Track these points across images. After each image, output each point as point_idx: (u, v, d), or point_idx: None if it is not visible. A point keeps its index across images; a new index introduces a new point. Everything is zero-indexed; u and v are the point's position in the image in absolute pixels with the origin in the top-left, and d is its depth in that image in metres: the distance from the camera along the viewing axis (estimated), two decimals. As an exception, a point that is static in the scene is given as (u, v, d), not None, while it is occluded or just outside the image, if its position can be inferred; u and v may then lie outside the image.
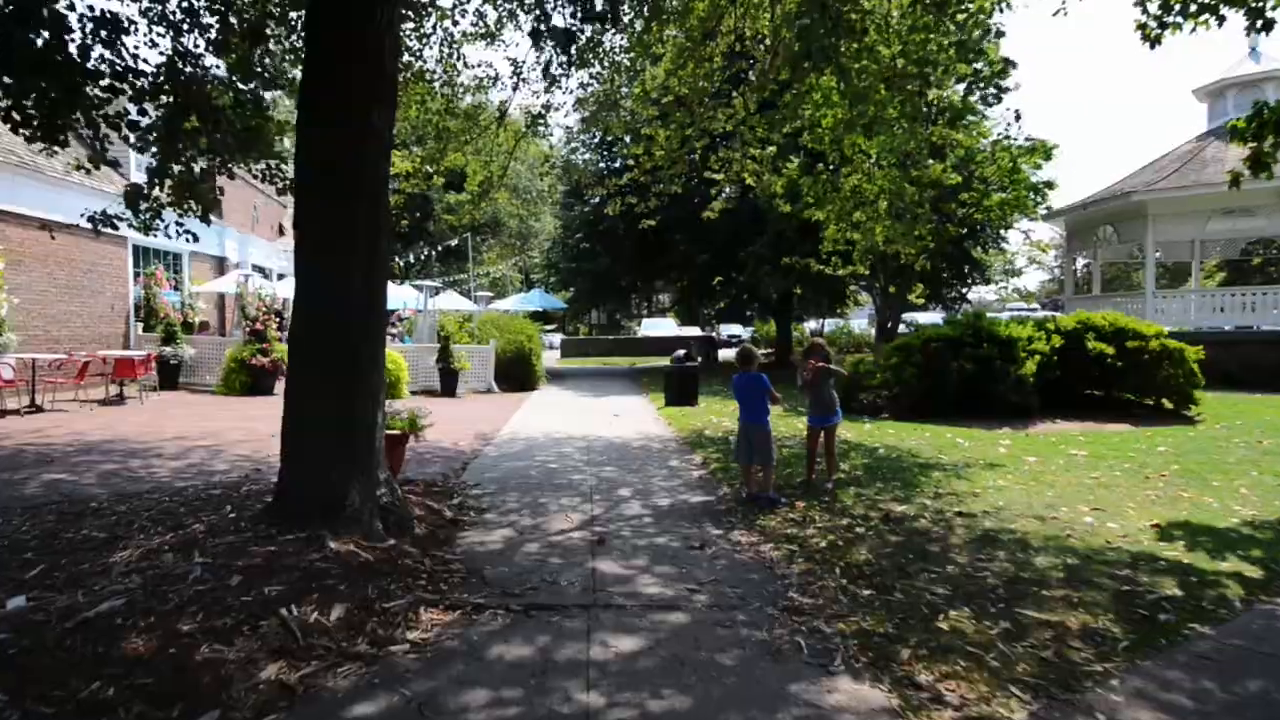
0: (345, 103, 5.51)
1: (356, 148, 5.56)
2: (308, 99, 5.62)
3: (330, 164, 5.53)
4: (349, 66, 5.52)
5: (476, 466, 8.92)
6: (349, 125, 5.52)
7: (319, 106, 5.57)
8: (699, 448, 10.15)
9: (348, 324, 5.59)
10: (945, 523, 6.48)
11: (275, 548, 4.91)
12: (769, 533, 6.26)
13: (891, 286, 18.63)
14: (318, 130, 5.56)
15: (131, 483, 7.57)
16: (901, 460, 9.24)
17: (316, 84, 5.58)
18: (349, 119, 5.52)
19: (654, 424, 12.87)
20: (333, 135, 5.53)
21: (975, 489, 7.70)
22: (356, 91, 5.52)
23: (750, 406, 7.27)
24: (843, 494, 7.46)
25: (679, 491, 7.79)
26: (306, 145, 5.62)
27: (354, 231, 5.55)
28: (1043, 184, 16.10)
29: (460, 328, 18.82)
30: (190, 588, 4.40)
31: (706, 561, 5.57)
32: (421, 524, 6.06)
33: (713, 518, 6.77)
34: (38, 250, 14.17)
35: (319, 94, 5.57)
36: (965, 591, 4.92)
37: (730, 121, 11.25)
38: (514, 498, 7.36)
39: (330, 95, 5.52)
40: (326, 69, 5.55)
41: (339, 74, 5.52)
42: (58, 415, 11.99)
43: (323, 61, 5.57)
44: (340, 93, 5.51)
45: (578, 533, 6.24)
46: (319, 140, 5.56)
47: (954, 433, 11.46)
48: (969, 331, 13.10)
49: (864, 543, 5.95)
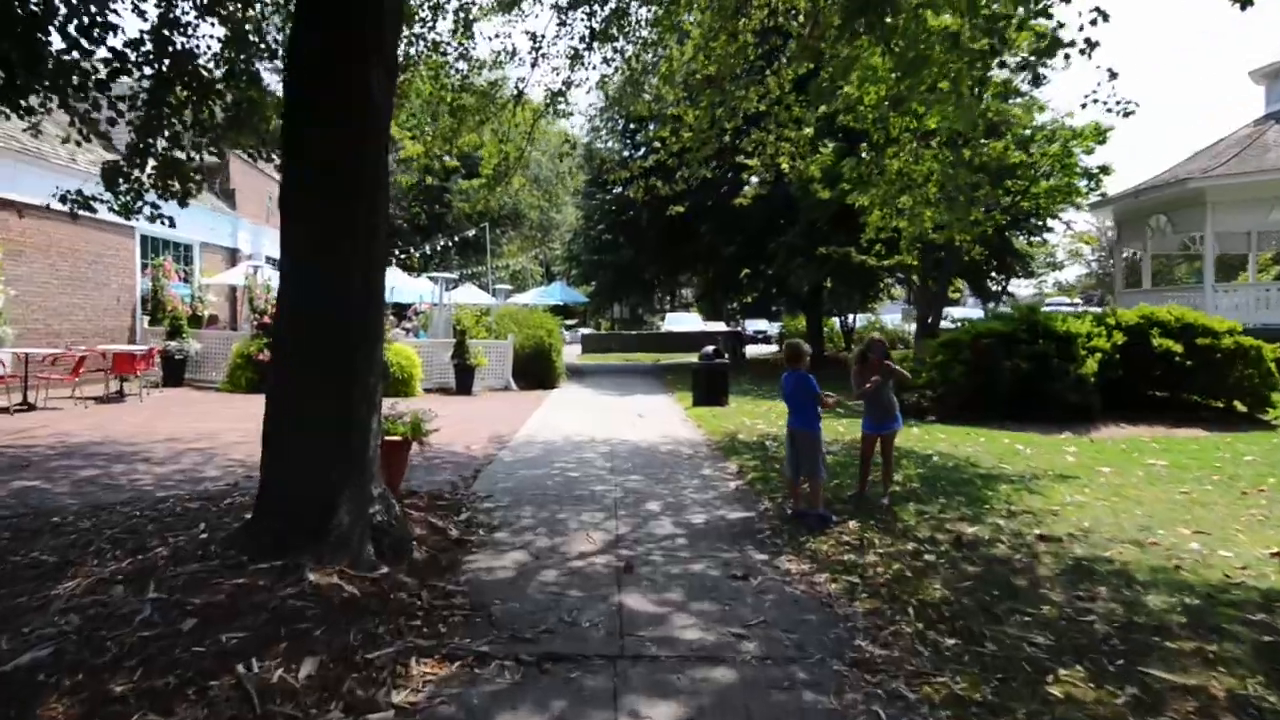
0: (345, 102, 4.75)
1: (356, 146, 4.82)
2: (306, 99, 4.86)
3: (330, 163, 4.76)
4: (349, 66, 4.77)
5: (489, 474, 8.13)
6: (349, 125, 4.77)
7: (318, 106, 4.80)
8: (733, 454, 9.29)
9: (346, 323, 4.82)
10: (1027, 549, 5.60)
11: (244, 580, 4.13)
12: (822, 559, 5.41)
13: (930, 280, 17.65)
14: (317, 130, 4.78)
15: (109, 491, 6.85)
16: (960, 470, 8.35)
17: (314, 83, 4.82)
18: (349, 119, 4.76)
19: (682, 426, 12.02)
20: (332, 135, 4.77)
21: (1052, 506, 6.80)
22: (356, 90, 4.76)
23: (796, 409, 6.39)
24: (901, 511, 6.58)
25: (714, 506, 6.95)
26: (301, 143, 4.86)
27: (353, 229, 4.79)
28: (1097, 169, 15.06)
29: (477, 322, 18.07)
30: (134, 633, 3.62)
31: (752, 596, 4.73)
32: (422, 546, 5.26)
33: (754, 539, 5.93)
34: (39, 240, 13.55)
35: (317, 93, 4.80)
36: (1072, 643, 4.05)
37: (763, 101, 10.37)
38: (529, 512, 6.55)
39: (330, 95, 4.76)
40: (325, 68, 4.78)
41: (339, 73, 4.77)
42: (49, 414, 11.33)
43: (321, 59, 4.81)
44: (340, 92, 4.75)
45: (601, 557, 5.42)
46: (318, 140, 4.80)
47: (1010, 438, 10.53)
48: (1023, 326, 12.15)
49: (936, 573, 5.09)
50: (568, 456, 9.22)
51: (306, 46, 4.88)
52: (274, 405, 4.80)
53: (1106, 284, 60.44)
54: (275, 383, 4.87)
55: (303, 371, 4.75)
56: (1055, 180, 13.70)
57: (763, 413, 13.17)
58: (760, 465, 8.52)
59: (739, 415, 12.80)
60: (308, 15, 4.93)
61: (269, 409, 4.81)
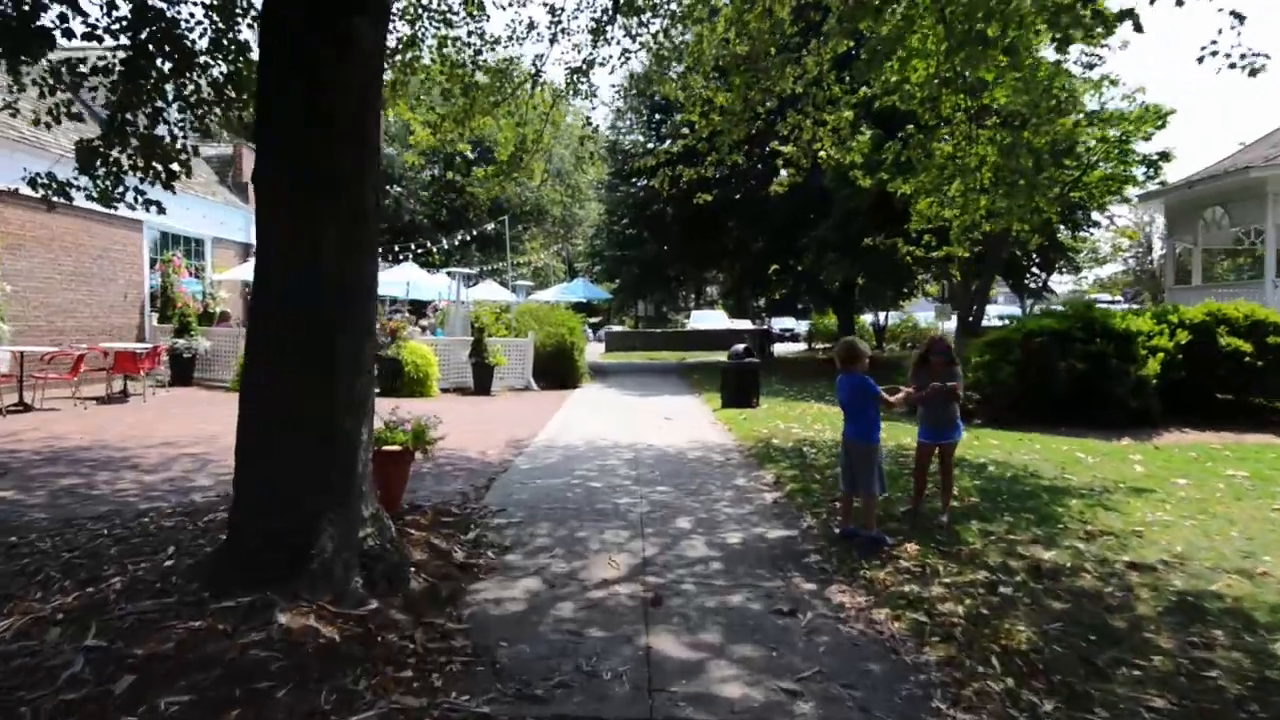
0: (325, 62, 4.11)
1: (340, 115, 4.17)
2: (279, 58, 4.22)
3: (307, 136, 4.11)
4: (328, 19, 4.13)
5: (503, 484, 7.46)
6: (330, 90, 4.12)
7: (293, 66, 4.16)
8: (769, 461, 8.55)
9: (328, 319, 4.16)
10: (1118, 579, 4.83)
11: (201, 623, 3.47)
12: (880, 589, 4.69)
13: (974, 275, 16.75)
14: (317, 130, 4.12)
15: (86, 503, 6.25)
16: (1020, 481, 7.57)
17: (288, 38, 4.17)
18: (330, 84, 4.13)
19: (711, 430, 11.29)
20: (311, 101, 4.12)
21: (1133, 525, 6.02)
22: (337, 48, 4.13)
23: (852, 416, 5.64)
24: (963, 531, 5.83)
25: (751, 522, 6.23)
26: (272, 110, 4.22)
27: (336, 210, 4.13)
28: (1157, 156, 14.09)
29: (496, 319, 17.44)
30: (55, 696, 2.99)
31: (802, 638, 4.02)
32: (421, 574, 4.59)
33: (799, 563, 5.21)
34: (41, 234, 13.07)
35: (292, 52, 4.16)
36: (1199, 707, 3.31)
37: (800, 82, 9.61)
38: (545, 530, 5.87)
39: (307, 52, 4.12)
40: (300, 20, 4.14)
41: (317, 26, 4.13)
42: (45, 415, 10.81)
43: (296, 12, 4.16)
44: (318, 49, 4.11)
45: (625, 586, 4.73)
46: (293, 107, 4.15)
47: (1067, 444, 9.71)
48: (1079, 324, 11.29)
49: (1016, 610, 4.34)
50: (589, 464, 8.53)
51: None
52: (246, 412, 4.16)
53: (1143, 280, 58.91)
54: (247, 386, 4.21)
55: (277, 373, 4.11)
56: (1111, 168, 12.73)
57: (796, 415, 12.41)
58: (799, 475, 7.79)
59: (771, 418, 12.05)
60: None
61: (241, 416, 4.17)
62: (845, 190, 17.12)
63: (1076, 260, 23.33)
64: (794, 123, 10.26)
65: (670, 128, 20.92)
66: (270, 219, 4.14)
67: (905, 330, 31.98)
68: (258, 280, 4.21)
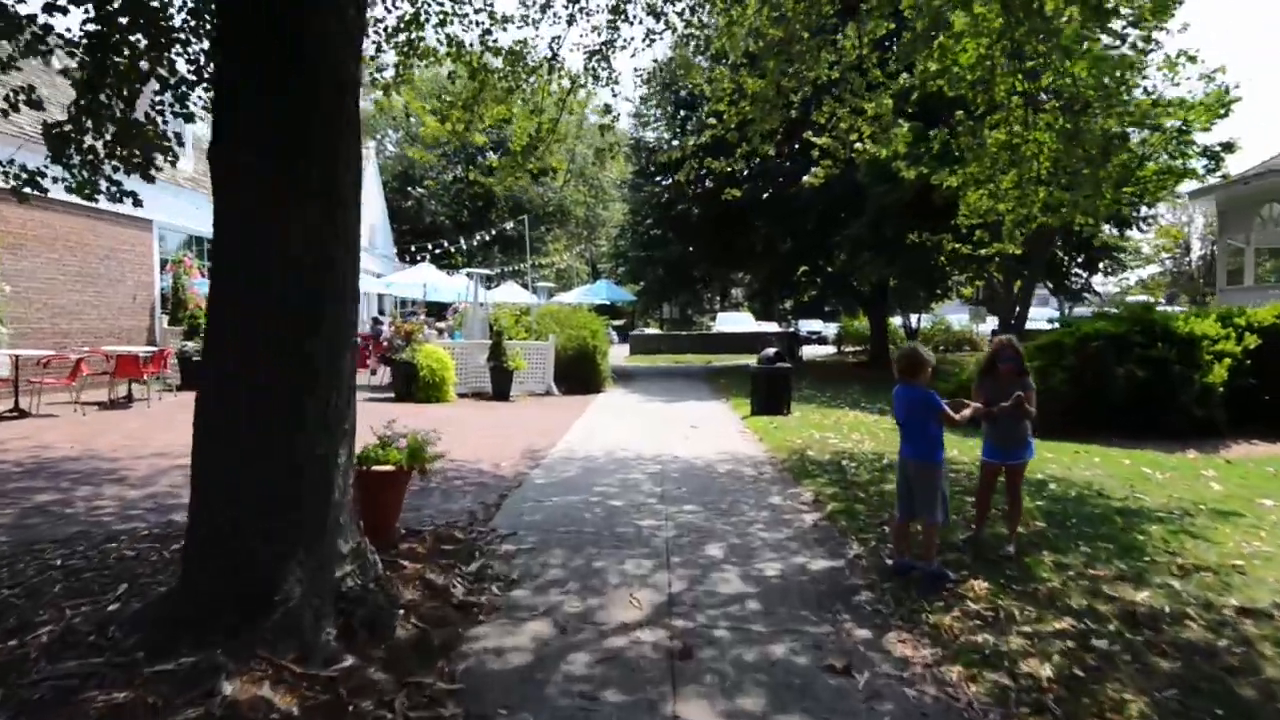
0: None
1: (305, 75, 3.54)
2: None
3: (267, 101, 3.50)
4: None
5: (516, 501, 6.81)
6: (294, 41, 3.51)
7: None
8: (805, 477, 7.83)
9: (294, 318, 3.53)
10: (1231, 630, 4.09)
11: (126, 694, 2.85)
12: (948, 638, 3.98)
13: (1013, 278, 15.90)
14: (284, 98, 3.51)
15: (56, 524, 5.68)
16: (1088, 501, 6.81)
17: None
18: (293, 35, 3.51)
19: (740, 439, 10.58)
20: (271, 54, 3.51)
21: (1229, 557, 5.25)
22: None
23: (912, 433, 4.91)
24: (1035, 564, 5.09)
25: (790, 550, 5.52)
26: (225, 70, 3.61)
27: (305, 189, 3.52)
28: (1219, 147, 13.17)
29: (516, 322, 16.84)
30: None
31: (863, 703, 3.34)
32: (411, 617, 3.94)
33: (849, 602, 4.51)
34: (43, 233, 12.62)
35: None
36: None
37: (837, 68, 8.90)
38: (559, 559, 5.20)
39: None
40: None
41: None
42: (41, 422, 10.30)
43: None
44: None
45: (649, 632, 4.05)
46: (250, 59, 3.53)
47: (1130, 458, 8.91)
48: (1137, 328, 10.48)
49: (1117, 670, 3.62)
50: (610, 478, 7.87)
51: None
52: (200, 433, 3.54)
53: (1179, 282, 57.40)
54: (201, 403, 3.58)
55: (236, 388, 3.48)
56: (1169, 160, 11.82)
57: (831, 424, 11.67)
58: (840, 493, 7.07)
59: (804, 426, 11.32)
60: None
61: (195, 438, 3.55)
62: (880, 186, 16.33)
63: (1123, 260, 22.32)
64: (830, 111, 9.55)
65: (696, 124, 20.23)
66: (228, 203, 3.52)
67: (938, 333, 30.97)
68: (213, 275, 3.59)
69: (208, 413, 3.52)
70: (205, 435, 3.50)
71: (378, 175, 33.17)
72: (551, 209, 40.03)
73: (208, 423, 3.50)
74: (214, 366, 3.56)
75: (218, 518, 3.43)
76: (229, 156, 3.51)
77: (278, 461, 3.45)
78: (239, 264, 3.48)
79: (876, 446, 9.53)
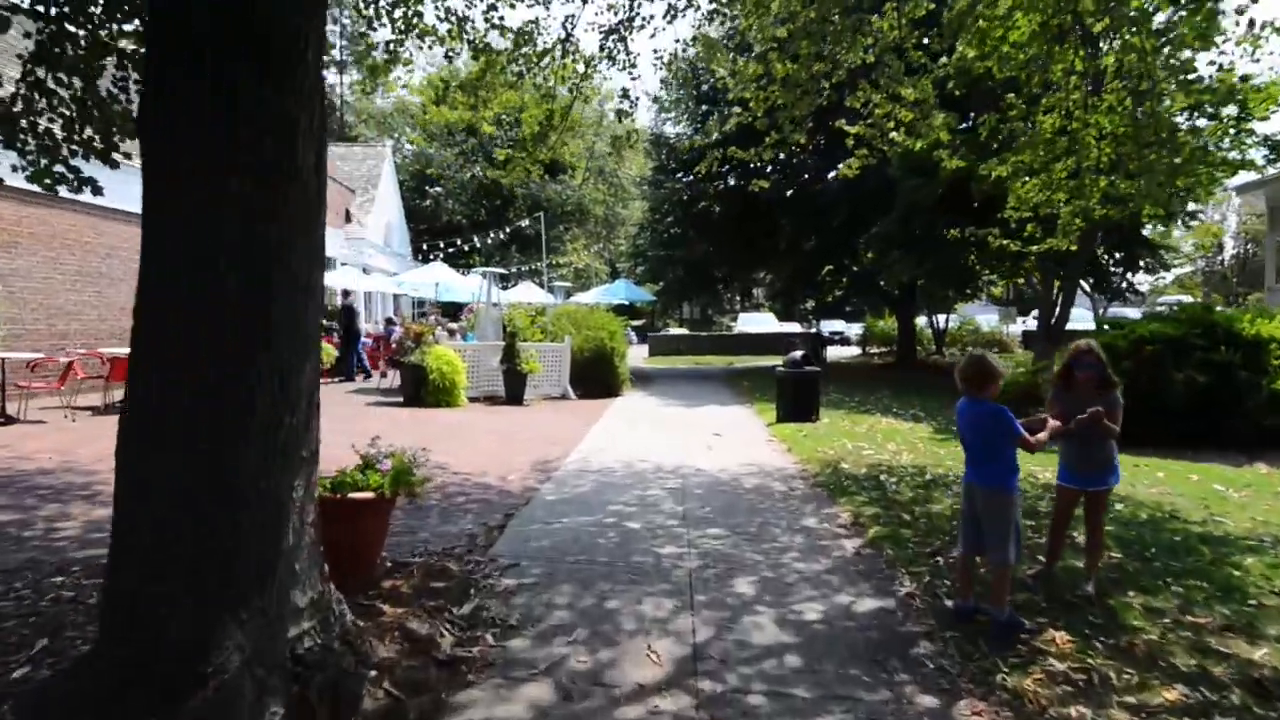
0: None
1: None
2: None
3: (203, 50, 2.85)
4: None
5: (522, 523, 6.15)
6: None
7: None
8: (841, 494, 7.11)
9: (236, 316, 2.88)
10: (1384, 702, 3.35)
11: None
12: (1031, 709, 3.28)
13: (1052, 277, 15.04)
14: (227, 47, 2.87)
15: (6, 551, 5.09)
16: (1164, 527, 6.08)
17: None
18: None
19: (767, 449, 9.85)
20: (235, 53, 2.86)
21: (1349, 600, 4.51)
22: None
23: (979, 456, 4.18)
24: (1120, 606, 4.37)
25: (831, 585, 4.82)
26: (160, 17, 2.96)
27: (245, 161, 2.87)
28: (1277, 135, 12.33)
29: (531, 323, 16.18)
30: None
31: (938, 809, 2.64)
32: (383, 681, 3.28)
33: (905, 656, 3.81)
34: (39, 230, 12.09)
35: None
36: None
37: (873, 50, 8.18)
38: (566, 598, 4.53)
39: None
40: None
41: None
42: (27, 429, 9.73)
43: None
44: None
45: (670, 700, 3.37)
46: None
47: (1196, 472, 8.14)
48: (1196, 330, 9.68)
49: (1255, 762, 2.90)
50: (627, 494, 7.19)
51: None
52: (120, 454, 2.91)
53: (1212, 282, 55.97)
54: (123, 430, 2.94)
55: (162, 410, 2.83)
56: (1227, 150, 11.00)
57: (864, 432, 10.92)
58: (882, 514, 6.36)
59: (835, 435, 10.58)
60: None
61: (117, 473, 2.93)
62: (913, 181, 15.55)
63: (1165, 258, 21.37)
64: (865, 96, 8.81)
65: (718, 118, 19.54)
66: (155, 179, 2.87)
67: (966, 334, 30.02)
68: (141, 271, 2.93)
69: (128, 437, 2.88)
70: (125, 466, 2.87)
71: (394, 175, 32.70)
72: (570, 208, 39.41)
73: (127, 450, 2.87)
74: (135, 378, 2.91)
75: (139, 567, 2.79)
76: (158, 112, 2.86)
77: (211, 497, 2.80)
78: (157, 253, 2.84)
79: (916, 459, 8.79)
